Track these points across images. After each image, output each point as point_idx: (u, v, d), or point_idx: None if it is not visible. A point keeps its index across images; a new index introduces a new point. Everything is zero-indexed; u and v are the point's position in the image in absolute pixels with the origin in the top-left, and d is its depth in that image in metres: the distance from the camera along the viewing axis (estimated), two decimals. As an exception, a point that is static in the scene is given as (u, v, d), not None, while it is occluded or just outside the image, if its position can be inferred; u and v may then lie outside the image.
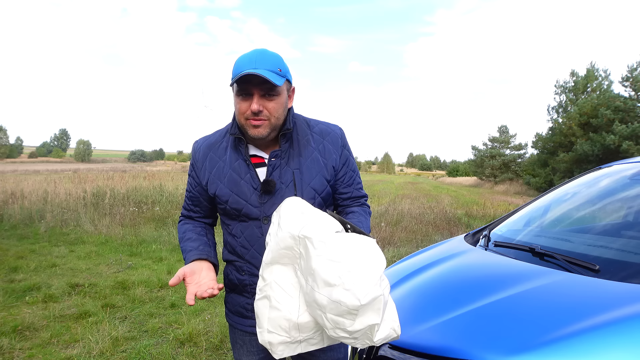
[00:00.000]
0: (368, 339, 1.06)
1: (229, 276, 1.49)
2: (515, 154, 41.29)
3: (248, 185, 1.37)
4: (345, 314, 1.01)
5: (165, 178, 13.70)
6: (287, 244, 1.13)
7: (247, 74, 1.23)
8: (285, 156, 1.39)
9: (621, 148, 20.17)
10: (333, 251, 1.05)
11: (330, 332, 1.07)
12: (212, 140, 1.46)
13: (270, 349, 1.16)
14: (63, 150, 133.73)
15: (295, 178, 1.37)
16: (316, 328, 1.15)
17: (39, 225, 8.12)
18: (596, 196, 2.40)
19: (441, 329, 1.43)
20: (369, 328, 1.03)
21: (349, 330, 1.03)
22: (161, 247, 6.87)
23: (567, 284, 1.55)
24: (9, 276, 4.99)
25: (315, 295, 1.05)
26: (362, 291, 0.99)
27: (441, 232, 8.18)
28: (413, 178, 66.33)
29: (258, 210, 1.37)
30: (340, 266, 1.02)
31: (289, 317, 1.12)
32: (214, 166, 1.41)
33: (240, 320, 1.49)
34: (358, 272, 1.02)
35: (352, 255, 1.05)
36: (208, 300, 4.34)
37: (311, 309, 1.10)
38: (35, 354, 3.12)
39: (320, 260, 1.04)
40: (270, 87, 1.27)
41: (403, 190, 23.47)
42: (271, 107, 1.29)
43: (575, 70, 27.65)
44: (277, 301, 1.14)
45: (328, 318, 1.04)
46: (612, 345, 1.17)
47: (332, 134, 1.47)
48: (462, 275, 1.87)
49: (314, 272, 1.04)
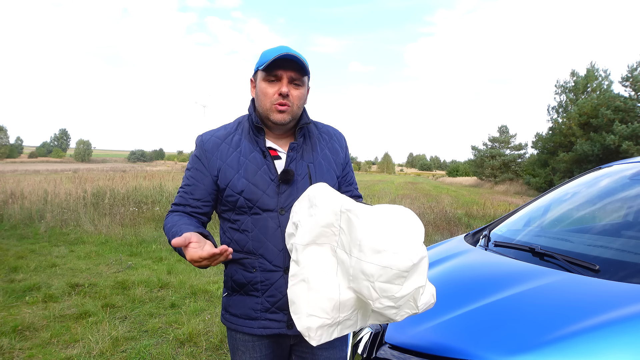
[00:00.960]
0: (410, 307, 1.10)
1: (233, 277, 1.43)
2: (515, 154, 41.29)
3: (264, 177, 1.37)
4: (395, 278, 1.04)
5: (165, 178, 13.69)
6: (328, 221, 1.16)
7: (281, 57, 1.30)
8: (301, 150, 1.43)
9: (621, 148, 20.17)
10: (376, 219, 1.09)
11: (376, 304, 1.08)
12: (221, 132, 1.45)
13: (307, 335, 1.16)
14: (63, 150, 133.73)
15: (310, 171, 1.41)
16: (355, 307, 1.17)
17: (39, 225, 8.12)
18: (596, 196, 2.40)
19: (441, 329, 1.43)
20: (415, 291, 1.07)
21: (396, 297, 1.06)
22: (161, 247, 6.87)
23: (567, 284, 1.55)
24: (9, 276, 4.99)
25: (362, 265, 1.07)
26: (411, 252, 1.04)
27: (441, 232, 8.17)
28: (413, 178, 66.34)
29: (274, 201, 1.36)
30: (386, 232, 1.07)
31: (330, 295, 1.14)
32: (228, 156, 1.39)
33: (248, 323, 1.41)
34: (404, 235, 1.07)
35: (394, 221, 1.10)
36: (208, 300, 4.34)
37: (356, 282, 1.10)
38: (35, 354, 3.12)
39: (366, 229, 1.08)
40: (298, 75, 1.35)
41: (403, 190, 23.47)
42: (296, 94, 1.36)
43: (575, 70, 27.67)
44: (316, 282, 1.15)
45: (376, 287, 1.06)
46: (612, 345, 1.17)
47: (338, 135, 1.57)
48: (462, 275, 1.87)
49: (361, 242, 1.07)
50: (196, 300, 4.31)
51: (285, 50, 1.31)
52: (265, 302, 1.39)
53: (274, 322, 1.39)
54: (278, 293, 1.37)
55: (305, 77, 1.38)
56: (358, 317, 1.19)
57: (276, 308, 1.39)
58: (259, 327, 1.40)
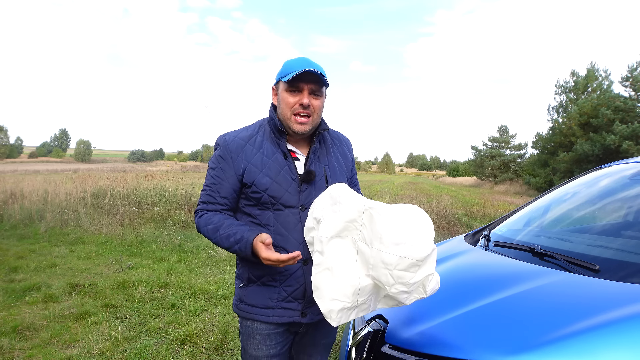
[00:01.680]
0: (419, 293, 1.29)
1: (251, 269, 1.52)
2: (515, 154, 41.30)
3: (286, 176, 1.49)
4: (410, 267, 1.23)
5: (165, 178, 13.68)
6: (351, 217, 1.32)
7: (305, 71, 1.42)
8: (318, 153, 1.57)
9: (621, 148, 20.17)
10: (395, 217, 1.27)
11: (391, 290, 1.26)
12: (244, 134, 1.55)
13: (329, 317, 1.31)
14: (63, 150, 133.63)
15: (326, 173, 1.56)
16: (371, 292, 1.33)
17: (39, 225, 8.12)
18: (596, 196, 2.40)
19: (441, 329, 1.43)
20: (425, 279, 1.26)
21: (409, 283, 1.25)
22: (161, 247, 6.87)
23: (567, 284, 1.55)
24: (9, 276, 4.99)
25: (383, 255, 1.25)
26: (425, 244, 1.24)
27: (441, 232, 8.17)
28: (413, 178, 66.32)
29: (296, 199, 1.49)
30: (404, 227, 1.25)
31: (352, 282, 1.30)
32: (252, 156, 1.50)
33: (264, 312, 1.51)
34: (419, 231, 1.26)
35: (410, 218, 1.28)
36: (208, 300, 4.34)
37: (376, 270, 1.27)
38: (35, 354, 3.12)
39: (386, 224, 1.26)
40: (318, 87, 1.48)
41: (403, 190, 23.47)
42: (316, 104, 1.49)
43: (575, 70, 27.69)
44: (339, 270, 1.31)
45: (394, 275, 1.24)
46: (612, 345, 1.17)
47: (347, 141, 1.73)
48: (462, 275, 1.87)
49: (382, 235, 1.25)
50: (196, 300, 4.31)
51: (307, 65, 1.44)
52: (283, 291, 1.50)
53: (289, 310, 1.51)
54: (295, 283, 1.50)
55: (323, 88, 1.51)
56: (372, 302, 1.35)
57: (292, 297, 1.51)
58: (275, 316, 1.51)
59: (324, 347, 1.72)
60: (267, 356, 1.57)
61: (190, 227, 8.38)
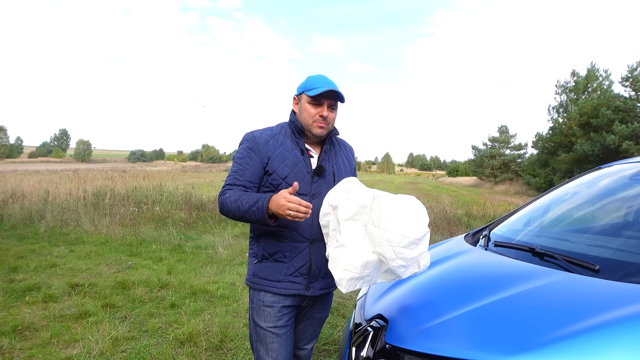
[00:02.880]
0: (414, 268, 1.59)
1: (265, 246, 1.79)
2: (515, 154, 41.30)
3: (302, 169, 1.79)
4: (410, 244, 1.50)
5: (165, 178, 13.67)
6: (363, 203, 1.60)
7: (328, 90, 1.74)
8: (328, 154, 1.88)
9: (621, 148, 20.17)
10: (398, 204, 1.55)
11: (392, 264, 1.52)
12: (269, 132, 1.84)
13: (340, 284, 1.58)
14: (63, 150, 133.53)
15: (334, 170, 1.86)
16: (375, 266, 1.58)
17: (39, 225, 8.12)
18: (596, 196, 2.40)
19: (441, 329, 1.43)
20: (420, 255, 1.56)
21: (408, 258, 1.52)
22: (161, 247, 6.87)
23: (567, 284, 1.55)
24: (9, 276, 4.99)
25: (388, 235, 1.51)
26: (421, 227, 1.53)
27: (441, 232, 8.17)
28: (413, 178, 66.29)
29: (309, 188, 1.78)
30: (405, 212, 1.53)
31: (361, 256, 1.55)
32: (276, 149, 1.79)
33: (274, 284, 1.77)
34: (416, 215, 1.54)
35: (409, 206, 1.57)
36: (208, 300, 4.34)
37: (382, 247, 1.52)
38: (35, 354, 3.12)
39: (391, 209, 1.53)
40: (334, 102, 1.80)
41: (403, 190, 23.46)
42: (332, 116, 1.82)
43: (575, 70, 27.68)
44: (351, 246, 1.58)
45: (396, 251, 1.50)
46: (612, 345, 1.16)
47: (350, 148, 2.04)
48: (462, 275, 1.87)
49: (387, 218, 1.52)
50: (196, 300, 4.31)
51: (329, 85, 1.76)
52: (291, 266, 1.77)
53: (295, 284, 1.77)
54: (302, 259, 1.77)
55: (338, 102, 1.82)
56: (374, 274, 1.60)
57: (299, 272, 1.77)
58: (283, 288, 1.77)
59: (318, 321, 1.98)
60: (275, 327, 1.78)
61: (191, 227, 8.38)
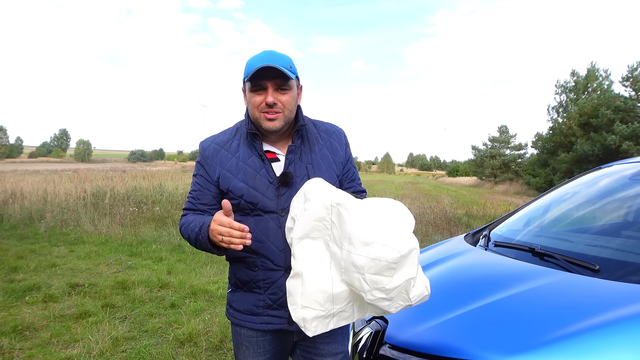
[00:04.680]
0: (403, 299, 1.10)
1: (237, 274, 1.48)
2: (515, 154, 41.28)
3: (264, 180, 1.41)
4: (384, 270, 1.06)
5: (165, 178, 13.69)
6: (319, 215, 1.18)
7: (262, 67, 1.32)
8: (299, 152, 1.46)
9: (621, 148, 20.16)
10: (366, 212, 1.11)
11: (368, 296, 1.09)
12: (221, 138, 1.50)
13: (303, 326, 1.18)
14: (63, 150, 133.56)
15: (308, 172, 1.44)
16: (349, 299, 1.18)
17: (39, 225, 8.12)
18: (596, 196, 2.40)
19: (441, 329, 1.43)
20: (406, 283, 1.07)
21: (387, 289, 1.07)
22: (161, 247, 6.87)
23: (567, 284, 1.55)
24: (9, 276, 4.99)
25: (353, 258, 1.09)
26: (399, 244, 1.05)
27: (441, 232, 8.17)
28: (413, 178, 66.29)
29: (274, 203, 1.40)
30: (375, 225, 1.08)
31: (323, 288, 1.16)
32: (227, 162, 1.44)
33: (251, 319, 1.46)
34: (393, 227, 1.08)
35: (384, 213, 1.11)
36: (208, 300, 4.34)
37: (348, 274, 1.12)
38: (35, 354, 3.12)
39: (355, 222, 1.10)
40: (283, 81, 1.37)
41: (403, 190, 23.46)
42: (284, 100, 1.38)
43: (575, 70, 27.65)
44: (309, 275, 1.18)
45: (367, 279, 1.07)
46: (612, 345, 1.17)
47: (337, 132, 1.57)
48: (462, 275, 1.87)
49: (351, 235, 1.10)
50: (196, 300, 4.31)
51: (266, 61, 1.33)
52: (267, 299, 1.44)
53: (275, 318, 1.44)
54: (279, 291, 1.41)
55: (291, 81, 1.40)
56: (354, 309, 1.20)
57: (278, 305, 1.43)
58: (261, 323, 1.44)
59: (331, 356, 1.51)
60: None
61: (190, 227, 8.38)
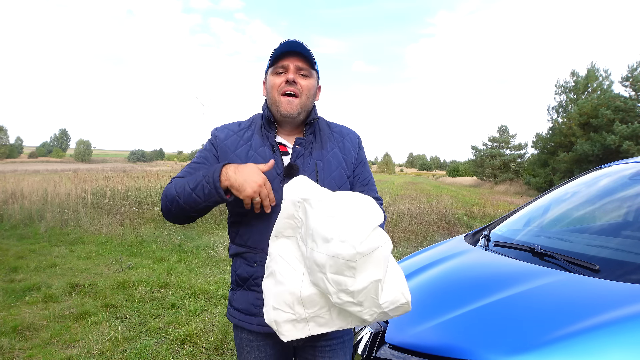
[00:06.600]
0: (374, 305, 1.02)
1: (237, 271, 1.44)
2: (515, 154, 41.28)
3: (271, 171, 1.36)
4: (344, 269, 0.99)
5: (165, 178, 13.68)
6: (288, 212, 1.14)
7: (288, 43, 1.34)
8: (309, 146, 1.43)
9: (621, 148, 20.16)
10: (330, 207, 1.06)
11: (334, 298, 1.03)
12: (235, 126, 1.49)
13: (277, 330, 1.12)
14: (63, 150, 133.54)
15: (317, 168, 1.41)
16: (322, 304, 1.10)
17: (39, 225, 8.12)
18: (596, 196, 2.40)
19: (441, 329, 1.43)
20: (372, 286, 1.00)
21: (352, 291, 1.00)
22: (161, 247, 6.86)
23: (567, 284, 1.55)
24: (9, 276, 4.99)
25: (314, 255, 1.03)
26: (356, 240, 0.98)
27: (441, 232, 8.17)
28: (413, 178, 66.23)
29: (279, 195, 1.34)
30: (336, 220, 1.02)
31: (292, 290, 1.10)
32: (238, 147, 1.42)
33: (248, 319, 1.42)
34: (353, 222, 1.01)
35: (347, 209, 1.05)
36: (208, 300, 4.34)
37: (313, 275, 1.06)
38: (35, 354, 3.12)
39: (318, 218, 1.05)
40: (305, 64, 1.38)
41: (403, 190, 23.45)
42: (304, 84, 1.38)
43: (575, 70, 27.64)
44: (281, 275, 1.13)
45: (329, 279, 1.01)
46: (612, 345, 1.17)
47: (351, 134, 1.55)
48: (462, 275, 1.87)
49: (313, 231, 1.04)
50: (196, 300, 4.31)
51: (290, 44, 1.35)
52: None
53: None
54: None
55: (313, 70, 1.41)
56: (332, 316, 1.12)
57: None
58: (257, 324, 1.39)
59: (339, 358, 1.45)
60: None
61: (190, 227, 8.37)
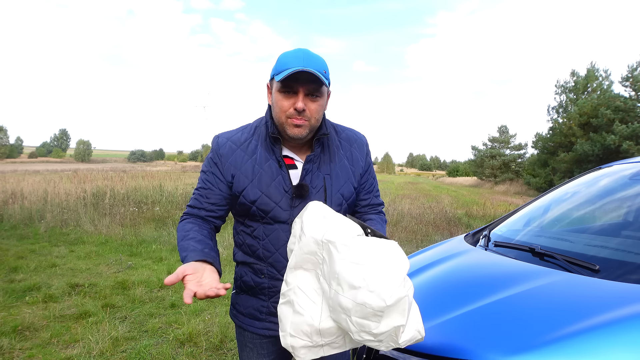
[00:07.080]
0: (393, 341, 1.06)
1: (243, 277, 1.44)
2: (515, 154, 41.28)
3: (279, 188, 1.33)
4: (370, 316, 1.02)
5: (165, 178, 13.69)
6: (310, 249, 1.14)
7: (299, 71, 1.22)
8: (317, 161, 1.38)
9: (621, 148, 20.16)
10: (356, 254, 1.06)
11: (355, 336, 1.07)
12: (239, 137, 1.41)
13: (293, 352, 1.16)
14: (63, 150, 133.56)
15: (325, 183, 1.37)
16: (338, 333, 1.14)
17: (39, 225, 8.12)
18: (596, 196, 2.40)
19: (441, 329, 1.42)
20: (394, 330, 1.03)
21: (374, 333, 1.03)
22: (161, 247, 6.86)
23: (567, 284, 1.55)
24: (9, 276, 4.99)
25: (339, 298, 1.05)
26: (386, 292, 1.00)
27: (441, 232, 8.17)
28: (413, 178, 66.22)
29: (287, 214, 1.34)
30: (364, 268, 1.03)
31: (311, 322, 1.13)
32: (243, 164, 1.36)
33: (253, 323, 1.44)
34: (382, 273, 1.03)
35: (375, 257, 1.05)
36: (208, 301, 4.34)
37: (335, 313, 1.09)
38: (35, 354, 3.12)
39: (344, 263, 1.06)
40: (316, 87, 1.27)
41: (403, 190, 23.45)
42: (313, 108, 1.29)
43: (575, 70, 27.63)
44: (300, 306, 1.15)
45: (353, 321, 1.04)
46: (612, 345, 1.17)
47: (359, 141, 1.49)
48: (462, 275, 1.87)
49: (338, 275, 1.06)
50: (196, 300, 4.31)
51: (302, 64, 1.23)
52: (271, 306, 1.41)
53: (277, 324, 1.39)
54: None
55: (323, 88, 1.30)
56: (345, 340, 1.18)
57: None
58: (263, 328, 1.43)
59: None
60: None
61: (190, 227, 8.38)
